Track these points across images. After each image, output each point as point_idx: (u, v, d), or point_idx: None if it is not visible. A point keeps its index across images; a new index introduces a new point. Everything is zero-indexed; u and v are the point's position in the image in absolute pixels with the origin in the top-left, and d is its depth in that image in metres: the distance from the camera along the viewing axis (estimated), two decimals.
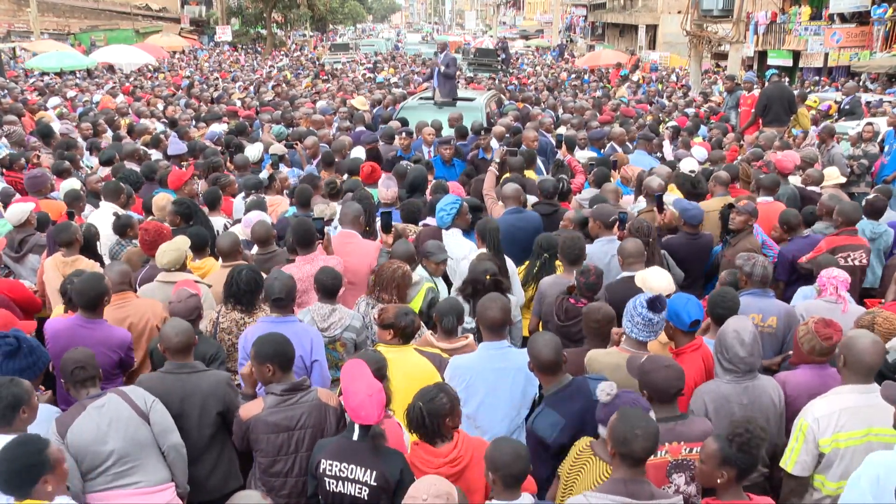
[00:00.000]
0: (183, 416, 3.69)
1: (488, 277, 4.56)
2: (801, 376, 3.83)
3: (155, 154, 9.15)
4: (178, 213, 5.88)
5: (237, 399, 3.79)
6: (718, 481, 2.88)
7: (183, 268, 4.98)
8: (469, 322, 4.50)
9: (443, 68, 11.64)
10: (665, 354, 3.99)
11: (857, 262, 5.70)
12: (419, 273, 5.00)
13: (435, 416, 3.20)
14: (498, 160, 7.46)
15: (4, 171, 8.29)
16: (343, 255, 5.28)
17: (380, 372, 3.43)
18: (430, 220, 5.99)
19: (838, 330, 3.74)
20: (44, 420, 3.41)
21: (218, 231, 6.06)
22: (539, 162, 8.52)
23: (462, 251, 5.51)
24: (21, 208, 5.93)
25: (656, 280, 4.36)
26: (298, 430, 3.50)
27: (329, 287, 4.49)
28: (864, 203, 6.41)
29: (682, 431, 3.33)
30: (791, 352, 4.03)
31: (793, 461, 3.41)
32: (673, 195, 7.05)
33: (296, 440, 3.50)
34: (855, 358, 3.41)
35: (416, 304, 4.73)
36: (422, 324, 4.28)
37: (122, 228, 5.86)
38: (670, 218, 6.11)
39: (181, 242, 4.99)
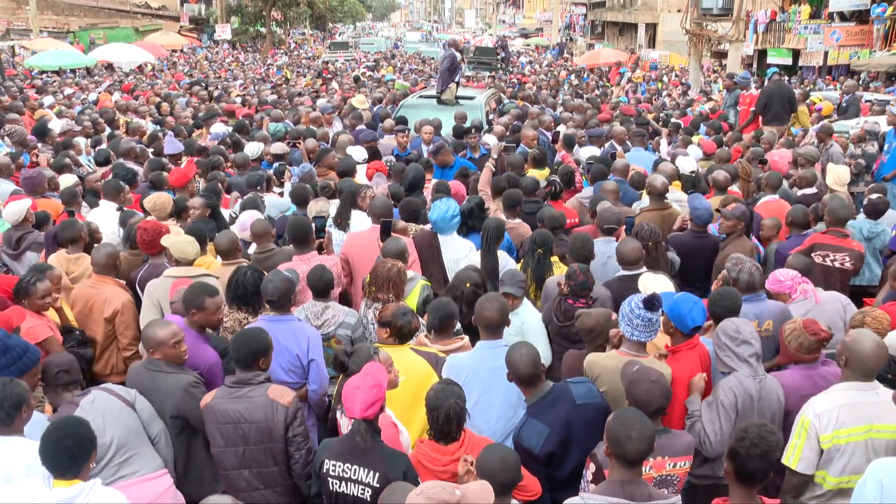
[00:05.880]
0: None
1: (468, 286, 4.59)
2: (790, 377, 3.86)
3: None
4: (209, 205, 5.97)
5: (195, 405, 3.70)
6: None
7: (190, 264, 5.00)
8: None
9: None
10: (660, 356, 4.00)
11: (836, 264, 5.60)
12: (411, 271, 4.97)
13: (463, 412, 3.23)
14: (495, 156, 7.47)
15: None
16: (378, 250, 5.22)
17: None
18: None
19: (824, 328, 3.80)
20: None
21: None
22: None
23: (461, 252, 5.52)
24: (18, 206, 5.91)
25: (658, 288, 4.33)
26: (244, 423, 3.51)
27: (316, 287, 4.51)
28: (865, 203, 6.41)
29: (666, 446, 3.29)
30: None
31: (797, 458, 3.42)
32: (676, 192, 7.06)
33: (242, 433, 3.51)
34: (857, 362, 3.42)
35: (412, 301, 4.73)
36: (420, 325, 4.27)
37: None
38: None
39: (190, 237, 5.05)
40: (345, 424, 3.44)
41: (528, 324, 4.59)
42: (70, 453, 2.82)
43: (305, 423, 3.66)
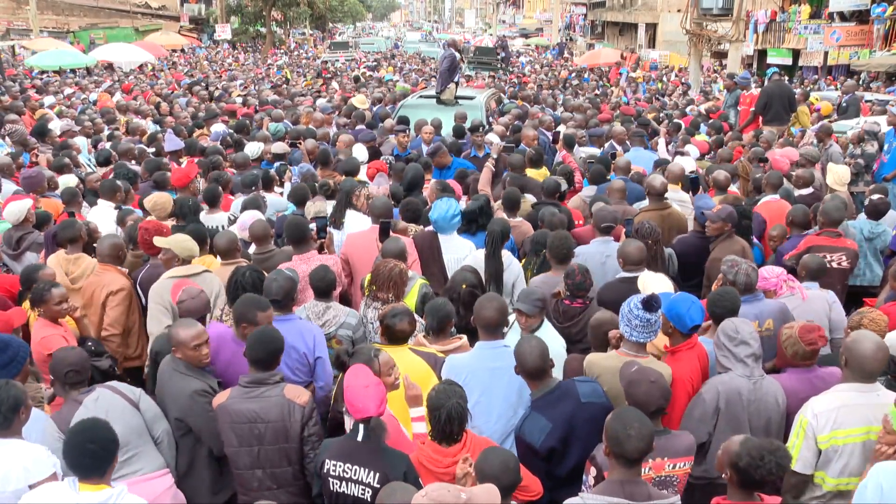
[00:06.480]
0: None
1: (464, 287, 4.58)
2: (788, 380, 3.84)
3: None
4: (179, 213, 5.91)
5: (197, 412, 3.71)
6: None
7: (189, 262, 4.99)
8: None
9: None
10: (659, 355, 4.00)
11: (834, 264, 5.57)
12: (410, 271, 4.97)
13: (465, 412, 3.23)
14: (495, 156, 7.45)
15: None
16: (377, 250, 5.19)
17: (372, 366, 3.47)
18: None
19: (822, 336, 3.78)
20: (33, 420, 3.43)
21: (220, 227, 6.07)
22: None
23: (462, 252, 5.52)
24: (19, 206, 5.92)
25: (657, 287, 4.33)
26: (260, 423, 3.50)
27: (318, 287, 4.51)
28: (866, 203, 6.40)
29: (665, 447, 3.28)
30: None
31: (794, 458, 3.41)
32: (679, 192, 7.05)
33: (257, 433, 3.50)
34: (857, 362, 3.41)
35: (410, 300, 4.71)
36: (418, 326, 4.26)
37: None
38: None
39: (187, 236, 5.05)
40: (349, 423, 3.44)
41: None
42: (94, 455, 2.84)
43: (319, 423, 3.65)
